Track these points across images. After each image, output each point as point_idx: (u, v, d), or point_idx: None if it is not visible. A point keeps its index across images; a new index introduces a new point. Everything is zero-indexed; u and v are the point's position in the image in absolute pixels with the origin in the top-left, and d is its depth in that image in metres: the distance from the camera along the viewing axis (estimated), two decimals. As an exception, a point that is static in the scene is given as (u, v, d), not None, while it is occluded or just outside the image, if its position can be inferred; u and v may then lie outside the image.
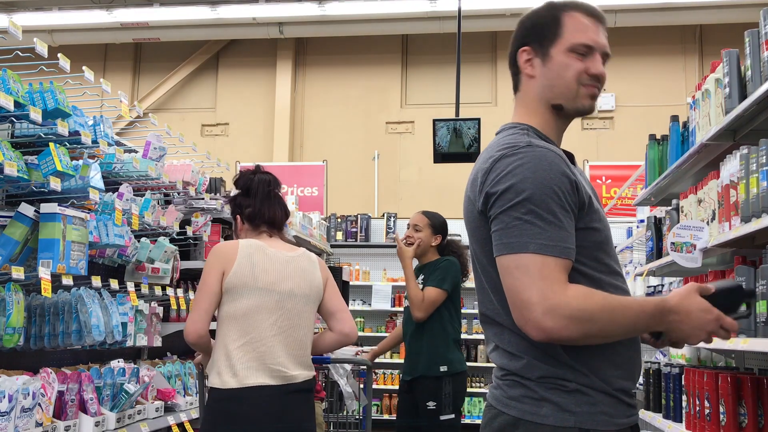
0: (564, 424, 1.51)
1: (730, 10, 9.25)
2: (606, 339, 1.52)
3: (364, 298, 9.38)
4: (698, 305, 1.53)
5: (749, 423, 2.58)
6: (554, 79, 1.66)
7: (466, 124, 6.37)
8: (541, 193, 1.49)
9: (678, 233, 3.12)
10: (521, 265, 1.47)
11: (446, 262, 3.92)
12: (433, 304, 3.82)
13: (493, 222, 1.54)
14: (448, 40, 10.01)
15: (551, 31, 1.65)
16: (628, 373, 1.60)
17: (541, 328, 1.44)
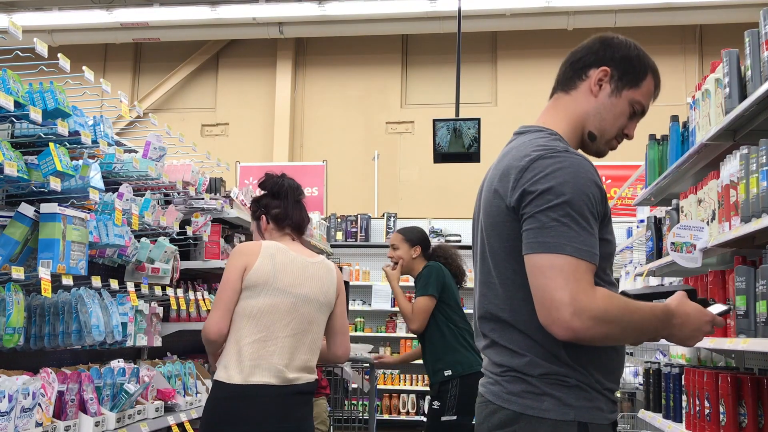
0: (564, 418, 1.56)
1: (730, 10, 9.26)
2: (622, 340, 1.60)
3: (364, 298, 9.38)
4: (693, 308, 1.61)
5: (749, 423, 2.58)
6: (607, 114, 1.73)
7: (466, 124, 6.36)
8: (579, 198, 1.54)
9: (678, 233, 3.12)
10: (556, 265, 1.50)
11: (426, 269, 4.00)
12: (423, 313, 3.89)
13: (528, 220, 1.56)
14: (448, 40, 10.01)
15: (635, 77, 1.72)
16: (615, 376, 1.67)
17: (569, 327, 1.48)
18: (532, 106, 10.43)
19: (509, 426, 1.59)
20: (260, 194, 2.92)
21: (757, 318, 2.43)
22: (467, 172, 9.69)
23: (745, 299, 2.52)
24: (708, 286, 2.90)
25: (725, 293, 2.80)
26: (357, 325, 9.27)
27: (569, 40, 10.24)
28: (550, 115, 1.79)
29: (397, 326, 9.28)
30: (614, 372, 1.67)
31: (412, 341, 9.19)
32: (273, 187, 2.86)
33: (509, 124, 10.59)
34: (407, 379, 9.06)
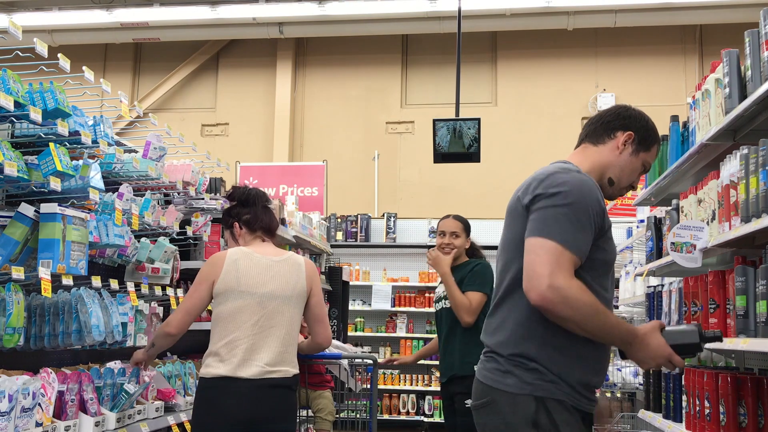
0: (521, 392, 1.95)
1: (730, 10, 9.25)
2: (583, 330, 1.91)
3: (364, 298, 9.38)
4: (656, 342, 1.96)
5: (749, 423, 2.58)
6: (626, 168, 2.17)
7: (466, 124, 6.36)
8: (580, 204, 1.93)
9: (678, 233, 3.12)
10: (545, 246, 1.89)
11: (481, 265, 3.97)
12: (479, 308, 3.86)
13: (535, 212, 1.95)
14: (448, 40, 10.01)
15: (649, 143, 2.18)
16: (592, 370, 2.01)
17: (542, 296, 1.85)
18: (532, 106, 10.50)
19: (483, 398, 2.04)
20: (230, 205, 3.22)
21: (757, 318, 2.43)
22: (467, 172, 9.72)
23: (745, 299, 2.52)
24: (708, 286, 2.90)
25: (725, 293, 2.80)
26: (357, 325, 9.27)
27: (569, 40, 10.25)
28: (576, 158, 2.20)
29: (397, 326, 9.28)
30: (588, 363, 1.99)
31: (412, 341, 9.20)
32: (241, 196, 3.17)
33: (509, 124, 10.70)
34: (407, 379, 9.06)
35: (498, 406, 1.98)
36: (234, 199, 3.19)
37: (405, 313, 9.30)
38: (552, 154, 10.07)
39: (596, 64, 10.40)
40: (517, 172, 10.02)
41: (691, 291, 3.12)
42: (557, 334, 1.96)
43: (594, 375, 2.02)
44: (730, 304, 2.73)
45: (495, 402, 1.99)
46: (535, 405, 1.93)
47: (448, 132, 6.37)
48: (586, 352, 1.99)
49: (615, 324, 1.94)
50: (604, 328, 1.91)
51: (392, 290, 9.27)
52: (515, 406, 1.95)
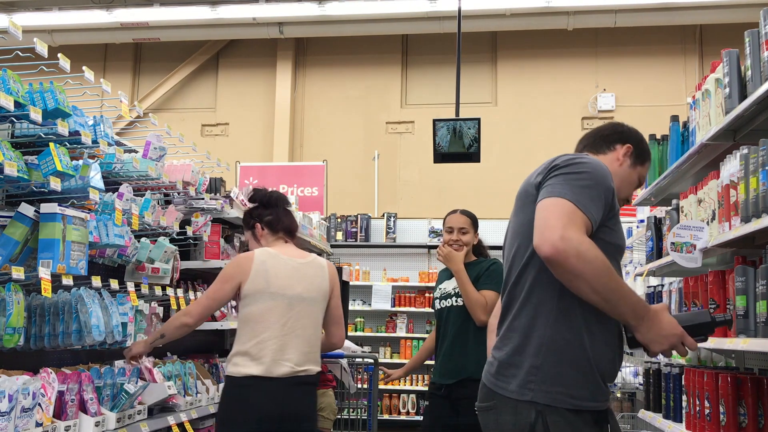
0: (522, 398, 1.89)
1: (730, 10, 9.25)
2: (594, 291, 1.79)
3: (364, 298, 9.38)
4: (669, 320, 1.87)
5: (749, 423, 2.58)
6: (625, 180, 2.22)
7: (466, 124, 6.36)
8: (594, 175, 1.91)
9: (678, 233, 3.12)
10: (558, 204, 1.84)
11: (496, 265, 3.82)
12: (494, 307, 3.71)
13: (549, 180, 1.93)
14: (448, 40, 10.01)
15: (644, 157, 2.26)
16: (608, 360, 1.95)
17: (554, 246, 1.77)
18: (532, 106, 10.50)
19: (487, 401, 2.00)
20: (251, 207, 3.30)
21: (757, 318, 2.43)
22: (467, 172, 9.72)
23: (745, 299, 2.52)
24: (708, 286, 2.90)
25: (725, 293, 2.80)
26: (357, 325, 9.27)
27: (569, 40, 10.25)
28: None
29: (397, 326, 9.28)
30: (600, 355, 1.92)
31: (412, 341, 9.19)
32: (263, 198, 3.26)
33: (509, 124, 10.69)
34: (407, 379, 9.06)
35: (499, 412, 1.95)
36: (256, 200, 3.28)
37: (405, 313, 9.30)
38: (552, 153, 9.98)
39: (596, 64, 10.40)
40: (517, 172, 10.01)
41: (691, 291, 3.12)
42: (572, 319, 1.89)
43: (609, 363, 1.95)
44: (730, 304, 2.73)
45: (497, 408, 1.96)
46: (534, 414, 1.87)
47: (448, 132, 6.37)
48: (602, 337, 1.92)
49: (628, 291, 1.84)
50: (618, 291, 1.80)
51: (392, 290, 9.28)
52: (516, 415, 1.90)
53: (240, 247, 4.77)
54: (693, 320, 1.93)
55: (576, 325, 1.90)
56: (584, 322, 1.90)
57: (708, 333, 1.97)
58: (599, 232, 1.91)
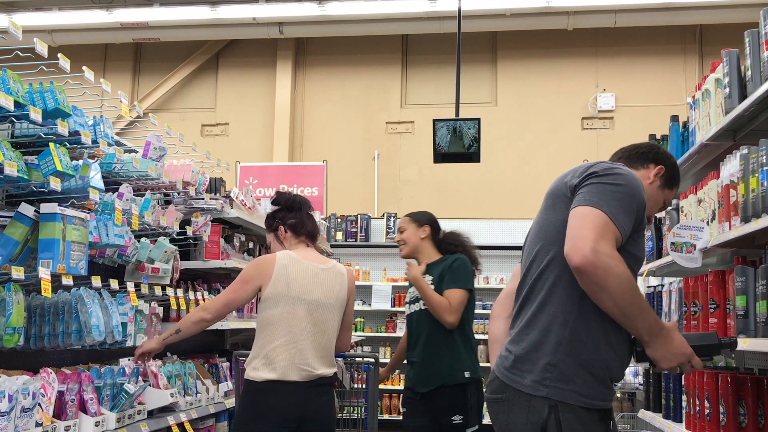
0: (537, 394, 1.93)
1: (730, 10, 9.25)
2: (616, 305, 1.86)
3: (364, 298, 9.38)
4: (680, 339, 1.95)
5: (749, 423, 2.58)
6: (652, 199, 2.24)
7: (466, 124, 6.36)
8: (630, 189, 1.95)
9: (678, 233, 3.12)
10: (593, 215, 1.88)
11: (459, 260, 3.65)
12: (461, 306, 3.57)
13: (586, 186, 1.96)
14: (448, 40, 10.01)
15: (672, 183, 2.31)
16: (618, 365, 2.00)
17: (585, 257, 1.82)
18: (532, 106, 10.50)
19: (499, 393, 2.02)
20: (274, 209, 3.32)
21: (757, 318, 2.43)
22: (467, 172, 9.72)
23: (745, 299, 2.52)
24: (708, 286, 2.90)
25: (725, 293, 2.80)
26: (357, 325, 9.27)
27: (569, 40, 10.25)
28: None
29: (397, 326, 9.27)
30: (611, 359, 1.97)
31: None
32: (287, 201, 3.29)
33: (509, 124, 10.68)
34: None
35: (512, 404, 1.98)
36: (279, 203, 3.30)
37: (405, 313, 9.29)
38: (552, 154, 10.11)
39: (596, 64, 10.40)
40: (517, 172, 10.08)
41: (691, 291, 3.12)
42: (590, 323, 1.94)
43: (619, 367, 2.01)
44: (730, 304, 2.73)
45: (510, 401, 1.99)
46: (547, 410, 1.91)
47: (448, 132, 6.37)
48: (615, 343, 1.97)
49: (647, 308, 1.91)
50: (638, 307, 1.87)
51: (392, 290, 9.27)
52: (529, 409, 1.94)
53: (239, 247, 4.77)
54: (701, 341, 2.02)
55: (594, 327, 1.95)
56: (602, 325, 1.95)
57: (714, 354, 2.06)
58: (626, 244, 1.97)
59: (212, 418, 3.99)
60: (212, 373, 4.18)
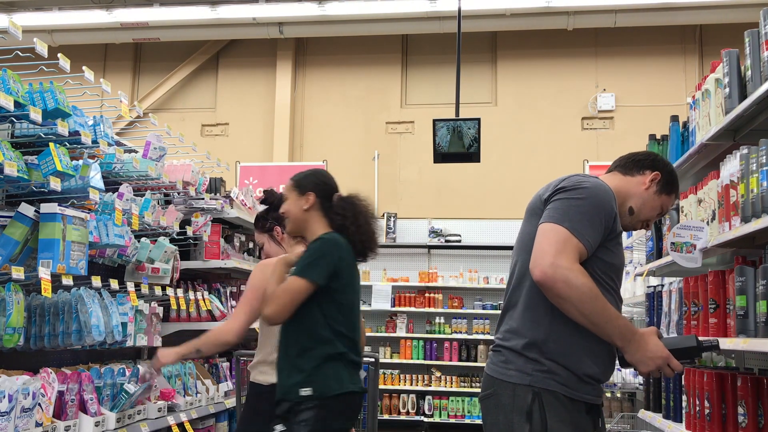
0: (521, 382, 2.05)
1: (730, 10, 9.25)
2: (581, 314, 1.98)
3: (364, 298, 9.37)
4: (655, 343, 2.03)
5: (749, 423, 2.58)
6: (647, 204, 2.32)
7: (466, 124, 6.36)
8: (594, 201, 2.07)
9: (678, 233, 3.12)
10: (556, 231, 2.01)
11: (320, 242, 2.75)
12: (287, 296, 2.64)
13: (552, 202, 2.09)
14: (448, 40, 10.01)
15: (672, 188, 2.36)
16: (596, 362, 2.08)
17: (544, 272, 1.96)
18: (532, 106, 10.50)
19: (489, 388, 2.13)
20: (265, 209, 3.17)
21: (757, 318, 2.43)
22: (467, 172, 9.72)
23: (745, 299, 2.51)
24: (708, 286, 2.90)
25: (725, 293, 2.80)
26: (357, 325, 9.27)
27: (569, 40, 10.25)
28: (605, 178, 2.31)
29: (397, 326, 9.28)
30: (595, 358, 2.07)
31: (412, 341, 9.19)
32: (279, 201, 3.00)
33: (509, 124, 10.67)
34: (407, 379, 9.06)
35: (499, 397, 2.08)
36: (272, 202, 3.15)
37: (405, 313, 9.30)
38: (552, 154, 10.10)
39: (596, 64, 10.40)
40: (517, 172, 10.08)
41: (691, 291, 3.12)
42: (565, 325, 2.04)
43: (598, 367, 2.09)
44: (730, 304, 2.73)
45: (497, 393, 2.09)
46: (531, 396, 2.02)
47: (448, 132, 6.37)
48: (591, 345, 2.06)
49: (614, 315, 2.00)
50: (603, 315, 1.97)
51: (392, 290, 9.27)
52: (514, 397, 2.04)
53: (239, 247, 4.77)
54: (679, 344, 2.08)
55: (570, 331, 2.05)
56: (577, 329, 2.04)
57: (695, 356, 2.10)
58: (598, 252, 2.08)
59: (212, 418, 3.99)
60: (212, 373, 4.18)
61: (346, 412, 2.71)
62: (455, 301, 9.22)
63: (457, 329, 9.14)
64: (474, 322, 9.15)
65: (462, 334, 9.09)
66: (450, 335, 9.11)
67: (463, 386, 8.93)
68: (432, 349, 9.18)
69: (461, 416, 8.89)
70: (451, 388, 8.97)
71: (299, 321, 2.69)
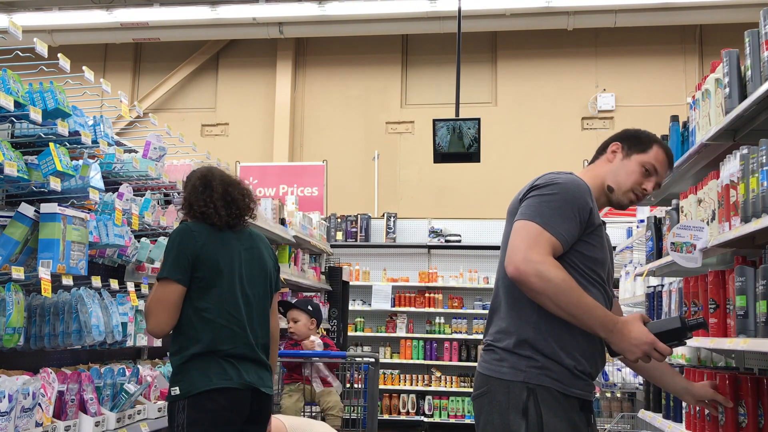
0: (515, 379, 2.05)
1: (730, 10, 9.25)
2: (558, 307, 1.99)
3: (364, 298, 9.38)
4: (638, 329, 2.00)
5: (749, 423, 2.58)
6: (620, 172, 2.30)
7: (466, 124, 6.36)
8: (565, 195, 2.09)
9: (678, 233, 3.12)
10: (527, 227, 2.05)
11: (170, 234, 2.74)
12: (158, 304, 2.61)
13: (525, 200, 2.12)
14: (448, 40, 10.01)
15: (642, 146, 2.32)
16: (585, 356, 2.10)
17: (516, 267, 1.99)
18: (532, 106, 10.50)
19: (483, 387, 2.13)
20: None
21: (757, 318, 2.43)
22: (467, 172, 9.72)
23: (745, 299, 2.51)
24: (708, 286, 2.90)
25: (725, 293, 2.80)
26: (357, 325, 9.27)
27: (569, 40, 10.25)
28: (583, 173, 2.34)
29: (397, 326, 9.28)
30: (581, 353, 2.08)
31: (412, 341, 9.19)
32: None
33: (509, 124, 10.69)
34: (407, 379, 9.06)
35: (493, 395, 2.09)
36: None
37: (405, 313, 9.30)
38: (552, 153, 10.12)
39: (596, 64, 10.40)
40: (517, 172, 10.07)
41: (691, 291, 3.12)
42: (551, 321, 2.06)
43: (588, 361, 2.11)
44: (730, 304, 2.73)
45: (491, 391, 2.10)
46: (526, 393, 2.03)
47: (448, 132, 6.37)
48: (579, 339, 2.08)
49: (592, 306, 1.99)
50: (580, 306, 1.98)
51: (392, 290, 9.27)
52: (509, 394, 2.05)
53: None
54: (664, 327, 2.03)
55: (556, 326, 2.07)
56: (563, 322, 2.06)
57: (682, 338, 2.05)
58: (577, 246, 2.11)
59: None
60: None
61: (223, 409, 2.57)
62: (455, 301, 9.22)
63: (457, 329, 9.14)
64: (474, 322, 9.15)
65: (462, 334, 9.09)
66: (450, 335, 9.11)
67: (463, 386, 8.93)
68: (432, 349, 9.19)
69: (461, 416, 8.90)
70: (451, 388, 8.97)
71: (179, 320, 2.64)
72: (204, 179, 2.80)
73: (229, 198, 2.77)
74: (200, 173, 2.85)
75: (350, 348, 8.75)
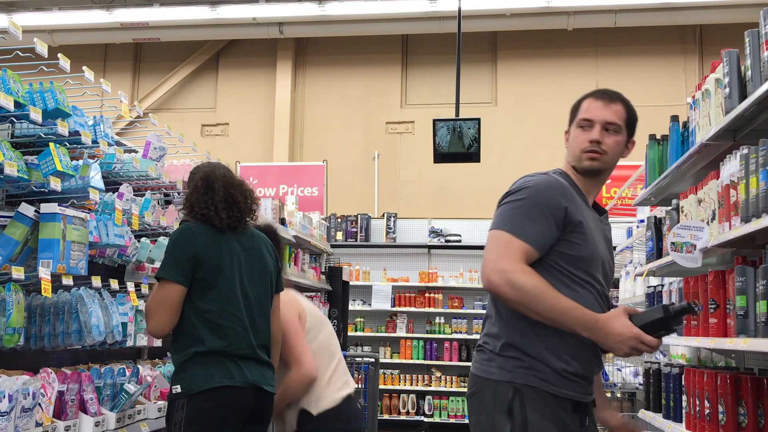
0: (502, 379, 2.06)
1: (730, 10, 9.25)
2: (534, 312, 1.99)
3: (364, 298, 9.38)
4: (621, 324, 1.96)
5: (749, 423, 2.58)
6: (570, 148, 2.31)
7: (466, 124, 6.37)
8: (535, 200, 2.09)
9: (678, 233, 3.12)
10: (497, 237, 2.07)
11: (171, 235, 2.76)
12: (158, 305, 2.63)
13: (497, 209, 2.16)
14: (448, 40, 10.01)
15: (572, 114, 2.34)
16: (574, 357, 2.07)
17: (489, 279, 2.02)
18: (532, 106, 10.50)
19: (473, 387, 2.15)
20: None
21: (757, 318, 2.43)
22: (467, 172, 9.71)
23: (745, 299, 2.51)
24: (708, 286, 2.90)
25: (725, 293, 2.80)
26: (357, 325, 9.28)
27: (569, 40, 10.25)
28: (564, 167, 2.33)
29: (397, 326, 9.28)
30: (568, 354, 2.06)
31: (412, 341, 9.19)
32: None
33: (509, 124, 10.70)
34: (407, 379, 9.06)
35: (482, 394, 2.11)
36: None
37: (405, 313, 9.30)
38: (552, 153, 10.12)
39: (596, 64, 10.40)
40: (517, 172, 9.98)
41: (691, 291, 3.12)
42: (537, 326, 2.05)
43: (579, 363, 2.08)
44: (730, 304, 2.73)
45: (480, 391, 2.12)
46: (512, 392, 2.04)
47: (448, 132, 6.38)
48: (567, 341, 2.06)
49: (567, 307, 1.98)
50: (555, 310, 1.97)
51: (392, 290, 9.28)
52: (496, 394, 2.06)
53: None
54: (647, 318, 1.97)
55: (541, 331, 2.06)
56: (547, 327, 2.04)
57: (669, 326, 1.98)
58: (559, 246, 2.09)
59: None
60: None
61: (224, 408, 2.58)
62: (455, 301, 9.22)
63: (457, 329, 9.14)
64: (474, 322, 9.15)
65: (462, 334, 9.10)
66: (450, 335, 9.11)
67: (463, 386, 8.93)
68: (432, 349, 9.19)
69: (461, 416, 8.90)
70: (451, 388, 8.97)
71: (180, 319, 2.65)
72: (206, 180, 2.80)
73: (230, 200, 2.77)
74: (203, 173, 2.85)
75: (350, 348, 8.74)
